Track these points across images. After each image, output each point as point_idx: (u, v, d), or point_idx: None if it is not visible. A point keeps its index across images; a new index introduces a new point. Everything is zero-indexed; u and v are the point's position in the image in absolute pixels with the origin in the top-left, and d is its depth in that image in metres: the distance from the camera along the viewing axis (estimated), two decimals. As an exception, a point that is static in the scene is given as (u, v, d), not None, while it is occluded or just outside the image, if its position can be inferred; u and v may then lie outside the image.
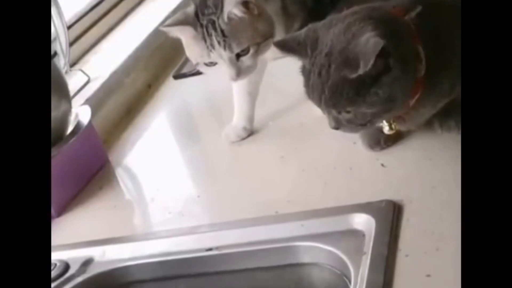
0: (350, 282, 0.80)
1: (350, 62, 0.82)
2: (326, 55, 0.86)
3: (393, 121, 0.93)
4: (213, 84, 1.43)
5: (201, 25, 1.02)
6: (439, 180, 0.90)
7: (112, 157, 1.27)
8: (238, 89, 1.17)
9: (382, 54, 0.81)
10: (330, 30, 0.88)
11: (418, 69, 0.87)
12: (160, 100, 1.47)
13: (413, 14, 0.88)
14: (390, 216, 0.85)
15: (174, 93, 1.48)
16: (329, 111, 0.88)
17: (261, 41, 1.03)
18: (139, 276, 0.97)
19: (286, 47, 0.92)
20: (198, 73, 1.51)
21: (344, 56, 0.84)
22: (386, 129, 0.95)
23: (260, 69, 1.16)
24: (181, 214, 1.03)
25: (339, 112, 0.87)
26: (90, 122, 1.21)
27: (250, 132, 1.17)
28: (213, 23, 1.02)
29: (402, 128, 0.97)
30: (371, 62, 0.80)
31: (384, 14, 0.88)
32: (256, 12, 1.02)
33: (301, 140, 1.12)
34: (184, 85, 1.49)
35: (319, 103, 0.88)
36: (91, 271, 0.97)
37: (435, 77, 0.89)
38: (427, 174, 0.92)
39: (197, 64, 1.07)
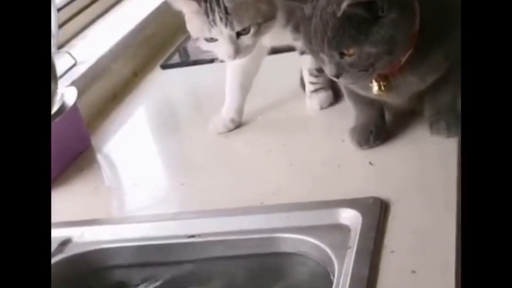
0: (333, 275, 0.80)
1: None
2: None
3: (382, 81, 0.94)
4: (201, 76, 1.42)
5: (205, 0, 1.02)
6: (426, 179, 0.90)
7: (95, 141, 1.25)
8: (231, 80, 1.16)
9: None
10: None
11: (413, 22, 0.88)
12: (147, 88, 1.45)
13: None
14: (377, 212, 0.84)
15: (161, 83, 1.46)
16: (332, 54, 0.88)
17: (263, 21, 1.03)
18: (118, 260, 0.95)
19: None
20: (187, 64, 1.51)
21: None
22: (375, 89, 0.95)
23: (257, 60, 1.15)
24: (164, 201, 1.02)
25: (342, 56, 0.88)
26: (75, 103, 1.20)
27: (238, 124, 1.17)
28: None
29: (389, 98, 0.98)
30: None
31: None
32: None
33: (290, 135, 1.11)
34: (171, 75, 1.48)
35: (321, 46, 0.88)
36: (69, 252, 0.95)
37: (428, 40, 0.90)
38: (415, 173, 0.93)
39: (197, 39, 1.07)
